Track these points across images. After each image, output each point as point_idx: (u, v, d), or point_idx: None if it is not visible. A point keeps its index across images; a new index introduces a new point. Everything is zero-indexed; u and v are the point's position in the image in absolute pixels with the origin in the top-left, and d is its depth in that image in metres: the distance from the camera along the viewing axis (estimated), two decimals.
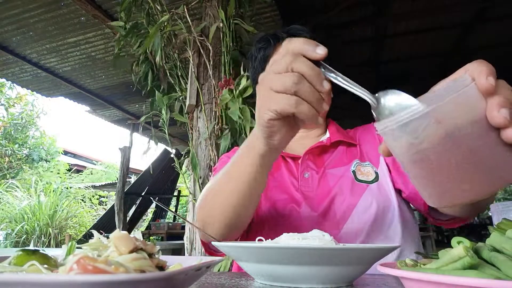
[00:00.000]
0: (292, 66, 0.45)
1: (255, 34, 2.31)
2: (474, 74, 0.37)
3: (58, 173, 10.23)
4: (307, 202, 0.86)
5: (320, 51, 0.45)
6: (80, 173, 13.25)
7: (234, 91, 1.94)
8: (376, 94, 0.43)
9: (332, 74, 0.46)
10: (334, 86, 0.51)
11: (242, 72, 1.99)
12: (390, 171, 0.90)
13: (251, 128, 1.93)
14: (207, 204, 0.75)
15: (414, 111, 0.36)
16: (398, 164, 0.88)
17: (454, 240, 0.35)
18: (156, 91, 2.26)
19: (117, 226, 4.97)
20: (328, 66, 0.46)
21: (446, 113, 0.35)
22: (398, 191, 0.88)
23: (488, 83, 0.35)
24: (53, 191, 6.59)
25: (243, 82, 1.92)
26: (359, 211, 0.83)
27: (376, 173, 0.89)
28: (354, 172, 0.89)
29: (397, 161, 0.42)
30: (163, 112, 2.30)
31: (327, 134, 0.99)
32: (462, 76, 0.37)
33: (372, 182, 0.88)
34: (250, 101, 1.99)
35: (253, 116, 1.95)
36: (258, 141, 0.57)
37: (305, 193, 0.88)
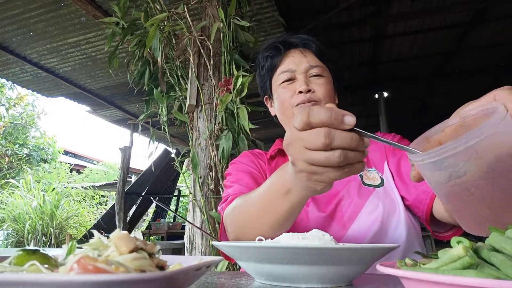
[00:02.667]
0: (331, 144, 0.42)
1: (255, 34, 2.31)
2: (507, 103, 0.36)
3: (58, 174, 10.23)
4: (315, 202, 0.88)
5: (349, 121, 0.42)
6: (81, 173, 13.26)
7: (232, 91, 1.95)
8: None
9: (363, 132, 0.44)
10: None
11: (236, 72, 1.99)
12: (393, 178, 0.92)
13: (250, 130, 1.94)
14: (240, 225, 0.73)
15: (454, 145, 0.36)
16: (402, 173, 0.90)
17: (453, 240, 0.35)
18: (155, 89, 2.26)
19: (117, 226, 4.97)
20: (358, 129, 0.43)
21: (487, 147, 0.35)
22: (401, 198, 0.90)
23: None
24: (53, 190, 6.59)
25: (239, 82, 1.92)
26: (365, 213, 0.84)
27: (382, 178, 0.91)
28: (361, 176, 0.91)
29: (428, 185, 0.42)
30: (162, 110, 2.29)
31: None
32: (496, 107, 0.37)
33: (378, 186, 0.90)
34: (247, 101, 2.00)
35: (250, 116, 1.95)
36: (298, 191, 0.55)
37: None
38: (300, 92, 0.91)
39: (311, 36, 0.99)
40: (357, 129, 0.43)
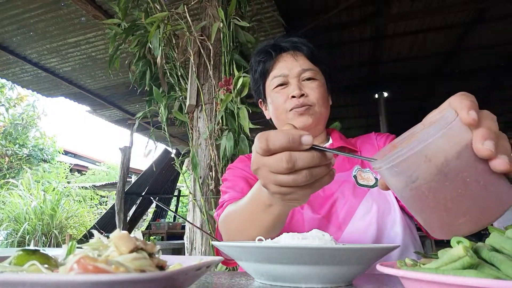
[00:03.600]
0: (295, 167, 0.43)
1: (255, 34, 2.31)
2: (457, 109, 0.38)
3: (57, 174, 10.23)
4: (309, 204, 0.88)
5: (307, 141, 0.43)
6: (81, 173, 13.26)
7: (232, 91, 1.95)
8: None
9: (323, 149, 0.45)
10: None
11: (236, 73, 1.99)
12: None
13: (250, 130, 1.94)
14: (231, 232, 0.74)
15: (404, 151, 0.37)
16: None
17: (453, 240, 0.35)
18: (155, 88, 2.26)
19: (117, 226, 4.97)
20: (317, 146, 0.44)
21: (434, 150, 0.37)
22: (396, 199, 0.90)
23: (470, 117, 0.36)
24: (53, 190, 6.59)
25: (240, 82, 1.92)
26: (360, 213, 0.85)
27: (376, 179, 0.92)
28: (355, 177, 0.92)
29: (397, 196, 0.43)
30: (162, 110, 2.29)
31: (330, 141, 1.02)
32: (447, 112, 0.38)
33: (373, 186, 0.90)
34: (247, 101, 2.00)
35: (250, 116, 1.95)
36: (278, 206, 0.57)
37: None
38: (293, 96, 0.91)
39: (302, 38, 0.99)
40: (316, 146, 0.44)
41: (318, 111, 0.94)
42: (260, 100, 1.07)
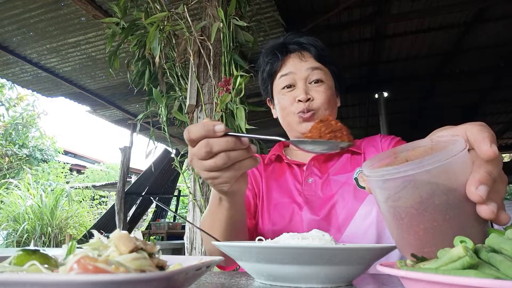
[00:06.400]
0: (212, 151, 0.51)
1: (255, 34, 2.30)
2: (476, 140, 0.37)
3: (57, 174, 10.23)
4: (309, 206, 0.88)
5: (219, 128, 0.50)
6: (82, 173, 13.25)
7: (231, 91, 1.95)
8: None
9: (238, 135, 0.52)
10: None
11: (236, 72, 1.99)
12: None
13: (247, 130, 1.94)
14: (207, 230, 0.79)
15: (398, 170, 0.37)
16: None
17: (456, 240, 0.35)
18: (154, 89, 2.25)
19: (117, 226, 4.97)
20: (233, 132, 0.52)
21: (426, 181, 0.36)
22: None
23: (492, 151, 0.35)
24: (53, 190, 6.59)
25: (238, 82, 1.92)
26: (360, 216, 0.84)
27: None
28: (356, 179, 0.91)
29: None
30: (161, 110, 2.29)
31: None
32: (457, 142, 0.37)
33: None
34: (247, 101, 2.00)
35: (249, 116, 1.95)
36: (222, 197, 0.66)
37: (307, 197, 0.91)
38: (300, 100, 0.92)
39: (311, 38, 0.98)
40: (231, 133, 0.51)
41: (324, 115, 0.94)
42: (268, 98, 1.08)
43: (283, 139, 0.53)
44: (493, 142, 0.36)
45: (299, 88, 0.93)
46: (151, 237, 6.08)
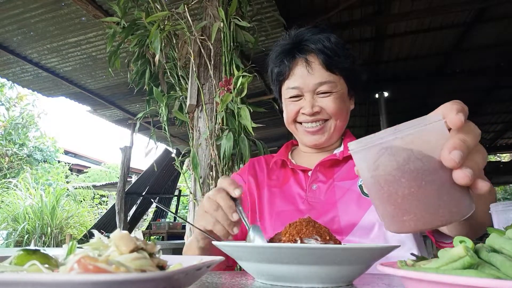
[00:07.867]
0: (215, 197, 0.66)
1: (255, 34, 2.30)
2: (446, 111, 0.38)
3: (57, 174, 10.23)
4: (312, 213, 0.87)
5: (237, 192, 0.65)
6: (83, 172, 13.26)
7: (232, 91, 1.95)
8: None
9: (241, 208, 0.65)
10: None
11: (236, 72, 1.98)
12: None
13: (253, 128, 1.94)
14: None
15: (374, 138, 0.39)
16: None
17: (456, 239, 0.35)
18: (154, 88, 2.25)
19: (117, 226, 4.97)
20: (239, 204, 0.66)
21: (401, 147, 0.37)
22: None
23: (458, 117, 0.37)
24: (53, 190, 6.59)
25: (240, 82, 1.92)
26: (363, 225, 0.83)
27: None
28: (360, 186, 0.89)
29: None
30: (162, 109, 2.29)
31: (342, 147, 1.00)
32: (433, 114, 0.39)
33: None
34: (248, 101, 1.99)
35: (250, 116, 1.95)
36: (195, 242, 0.79)
37: (311, 204, 0.90)
38: (305, 113, 0.92)
39: (322, 38, 0.91)
40: (238, 202, 0.67)
41: (334, 125, 0.93)
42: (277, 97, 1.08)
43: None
44: (460, 111, 0.37)
45: (306, 100, 0.92)
46: (152, 237, 6.08)
